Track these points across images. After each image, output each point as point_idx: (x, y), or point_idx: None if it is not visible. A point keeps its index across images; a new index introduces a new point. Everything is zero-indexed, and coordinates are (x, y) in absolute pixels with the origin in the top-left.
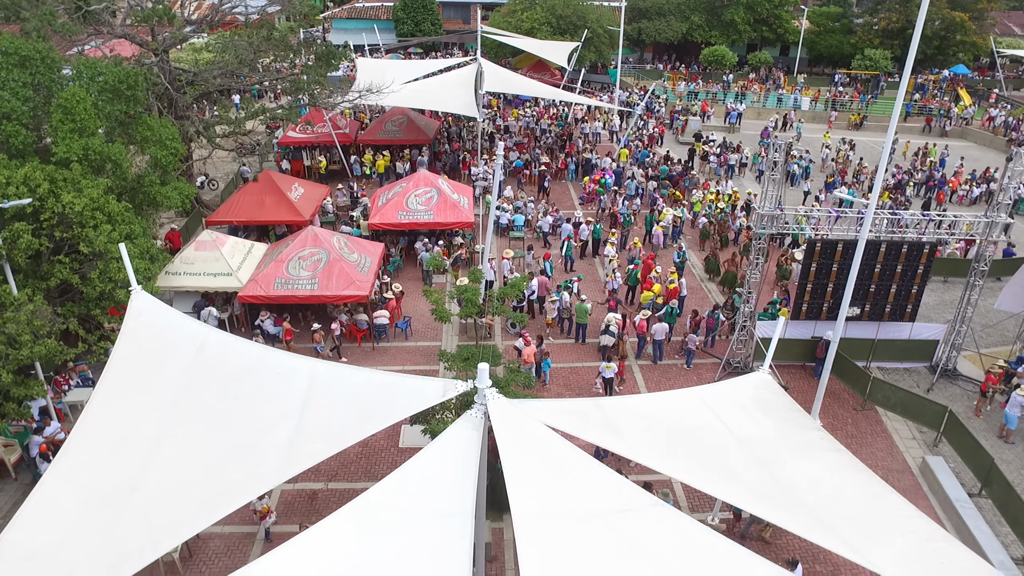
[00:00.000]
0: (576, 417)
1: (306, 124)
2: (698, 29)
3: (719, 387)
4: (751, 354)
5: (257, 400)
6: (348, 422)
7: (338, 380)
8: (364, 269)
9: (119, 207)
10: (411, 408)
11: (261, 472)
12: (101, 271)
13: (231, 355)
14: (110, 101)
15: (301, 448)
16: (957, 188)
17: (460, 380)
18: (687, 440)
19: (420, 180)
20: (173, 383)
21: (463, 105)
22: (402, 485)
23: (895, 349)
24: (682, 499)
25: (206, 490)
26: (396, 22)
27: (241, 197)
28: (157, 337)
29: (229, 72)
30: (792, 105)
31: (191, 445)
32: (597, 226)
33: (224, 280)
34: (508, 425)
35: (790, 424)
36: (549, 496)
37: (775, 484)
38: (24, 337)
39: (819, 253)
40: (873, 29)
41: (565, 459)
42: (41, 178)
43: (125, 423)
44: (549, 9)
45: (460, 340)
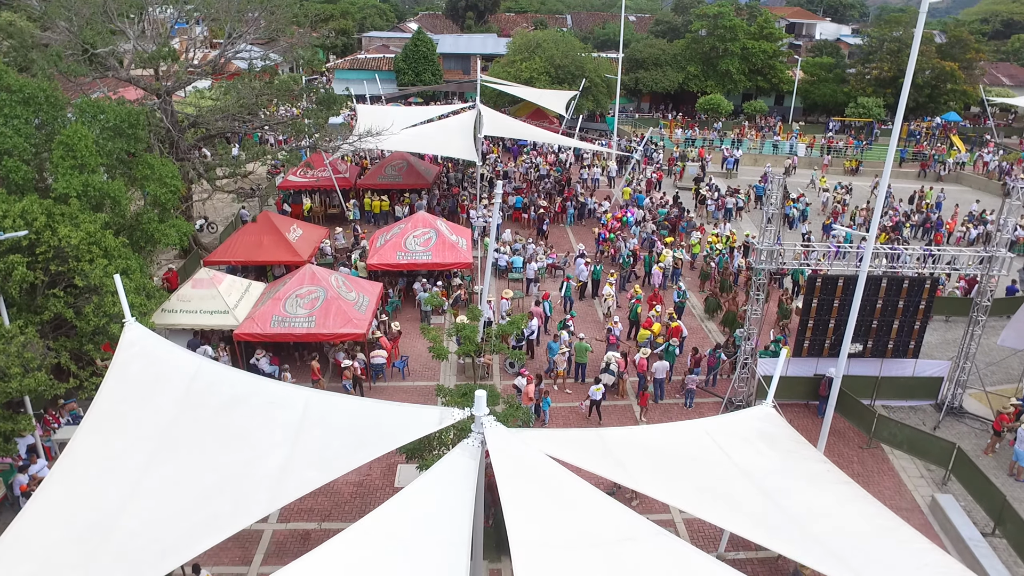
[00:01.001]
0: (576, 446)
1: (307, 167)
2: (694, 79)
3: (722, 419)
4: (753, 392)
5: (248, 429)
6: (342, 450)
7: (332, 409)
8: (362, 308)
9: (116, 242)
10: (407, 436)
11: (250, 501)
12: (96, 305)
13: (223, 385)
14: (111, 139)
15: (294, 476)
16: (954, 229)
17: (456, 408)
18: (690, 470)
19: (419, 221)
20: (162, 414)
21: (462, 149)
22: (397, 514)
23: (899, 386)
24: (684, 535)
25: (191, 521)
26: (397, 72)
27: (240, 238)
28: (148, 368)
29: (231, 116)
30: (789, 151)
31: (178, 476)
32: (597, 267)
33: (220, 318)
34: (506, 453)
35: (795, 456)
36: (548, 525)
37: (782, 515)
38: (14, 370)
39: (820, 289)
40: (865, 78)
41: (565, 488)
42: (38, 211)
43: (110, 455)
44: (548, 59)
45: (458, 379)
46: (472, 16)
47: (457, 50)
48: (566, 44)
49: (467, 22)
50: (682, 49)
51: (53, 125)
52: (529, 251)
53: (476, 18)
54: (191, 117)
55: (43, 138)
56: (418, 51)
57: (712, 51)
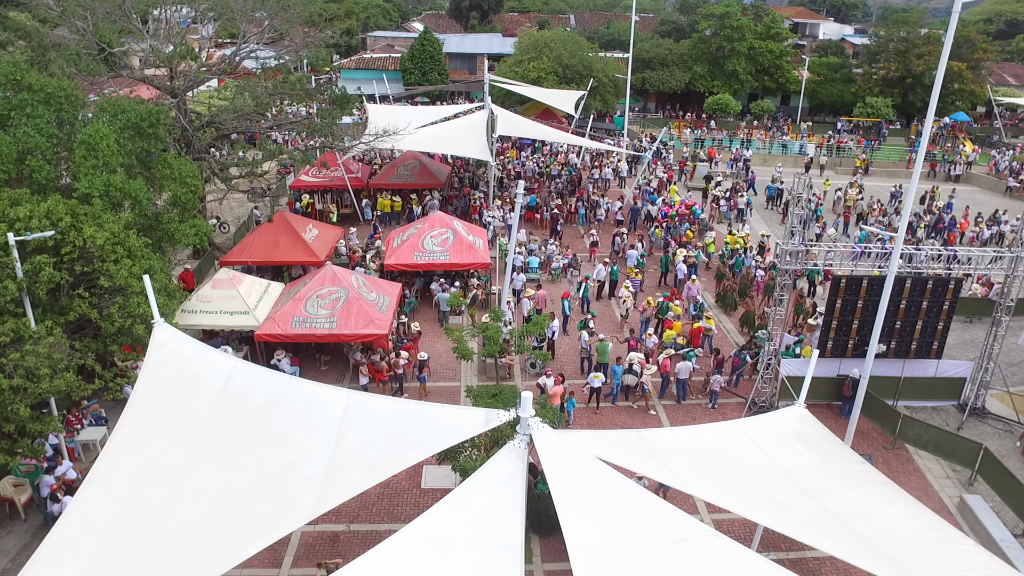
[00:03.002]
0: (621, 447)
1: (322, 165)
2: (700, 79)
3: (757, 420)
4: (776, 393)
5: (288, 431)
6: (388, 452)
7: (373, 410)
8: (383, 308)
9: (139, 242)
10: (453, 437)
11: (298, 504)
12: (120, 306)
13: (259, 386)
14: (131, 139)
15: (340, 478)
16: (966, 230)
17: (502, 410)
18: (734, 471)
19: (436, 221)
20: (199, 415)
21: (476, 149)
22: (449, 516)
23: (921, 387)
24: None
25: (237, 524)
26: (403, 72)
27: (256, 238)
28: (181, 369)
29: (245, 116)
30: (798, 151)
31: (220, 478)
32: (614, 267)
33: (241, 319)
34: (555, 455)
35: (832, 457)
36: (602, 526)
37: (827, 515)
38: (43, 371)
39: (844, 289)
40: (873, 78)
41: (615, 489)
42: (63, 212)
43: (149, 456)
44: (555, 59)
45: (479, 380)
46: (476, 16)
47: (463, 50)
48: (574, 44)
49: (471, 22)
50: (689, 49)
51: (73, 124)
52: (547, 251)
53: (480, 18)
54: (205, 116)
55: (64, 137)
56: (424, 51)
57: (719, 51)
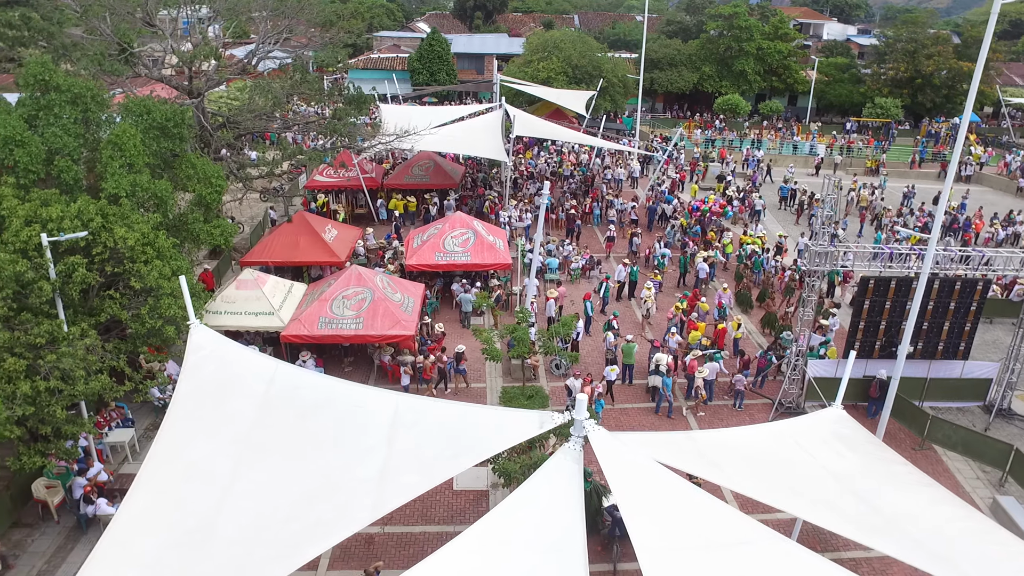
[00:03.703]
0: (672, 449)
1: (340, 165)
2: (709, 79)
3: (799, 422)
4: (802, 394)
5: (338, 434)
6: (442, 455)
7: (424, 413)
8: (408, 309)
9: (168, 243)
10: (508, 440)
11: (355, 507)
12: (151, 307)
13: (304, 388)
14: (156, 139)
15: (395, 482)
16: (981, 231)
17: (556, 412)
18: (782, 472)
19: (456, 222)
20: (244, 417)
21: (491, 149)
22: (508, 519)
23: (946, 388)
24: None
25: (294, 528)
26: (412, 72)
27: (275, 238)
28: (222, 371)
29: (263, 115)
30: (809, 152)
31: (271, 481)
32: (634, 268)
33: (266, 319)
34: (613, 456)
35: (875, 458)
36: (666, 528)
37: (878, 516)
38: (78, 373)
39: (872, 290)
40: (882, 78)
41: (674, 489)
42: (94, 212)
43: (196, 459)
44: (565, 59)
45: (504, 381)
46: (480, 16)
47: (471, 50)
48: (583, 44)
49: (475, 22)
50: (697, 49)
51: (99, 125)
52: (564, 252)
53: (484, 18)
54: (223, 116)
55: (90, 137)
56: (433, 51)
57: (727, 51)
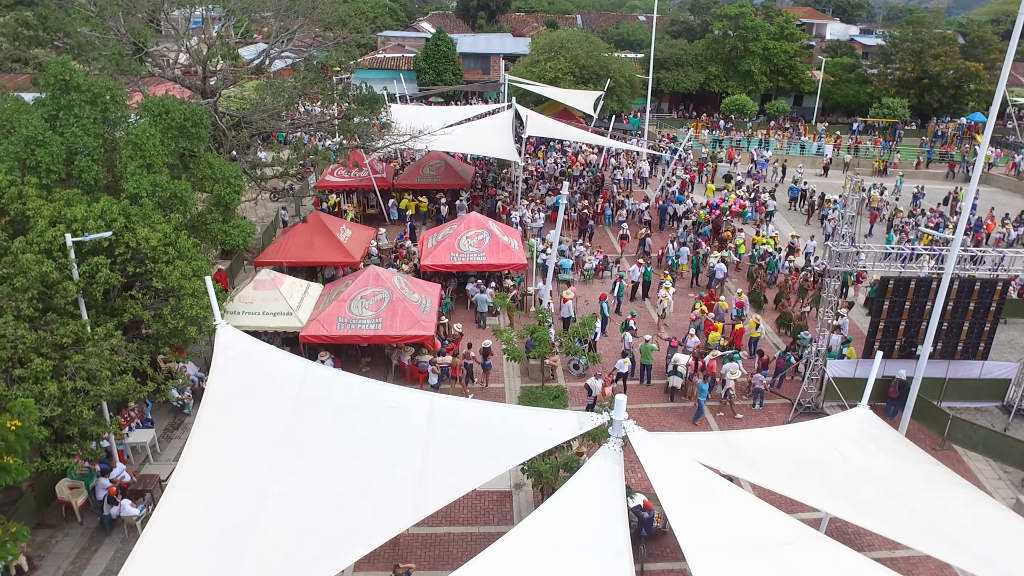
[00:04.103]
0: (708, 449)
1: (354, 165)
2: (715, 79)
3: (828, 422)
4: (821, 393)
5: (373, 434)
6: (481, 456)
7: (459, 414)
8: (426, 309)
9: (189, 243)
10: (547, 441)
11: (395, 509)
12: (173, 307)
13: (336, 389)
14: (175, 139)
15: (435, 483)
16: (993, 231)
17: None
18: (818, 472)
19: (471, 222)
20: (277, 418)
21: (503, 149)
22: (552, 520)
23: (965, 388)
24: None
25: (334, 529)
26: (418, 72)
27: (290, 238)
28: (252, 371)
29: (275, 115)
30: (816, 152)
31: (308, 482)
32: (648, 268)
33: (284, 320)
34: (655, 456)
35: (906, 459)
36: (712, 528)
37: (916, 517)
38: (104, 373)
39: (892, 291)
40: (888, 78)
41: (717, 490)
42: (117, 212)
43: (231, 460)
44: (572, 59)
45: (522, 381)
46: (484, 16)
47: (476, 50)
48: (590, 44)
49: (479, 22)
50: (703, 49)
51: (117, 124)
52: (577, 252)
53: (487, 18)
54: (237, 116)
55: (109, 137)
56: (439, 51)
57: (733, 51)
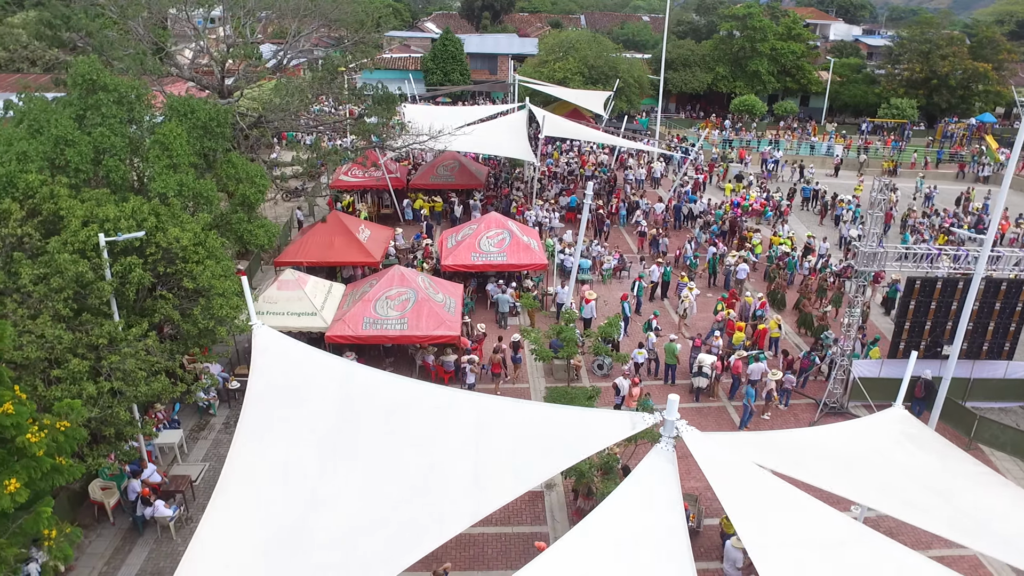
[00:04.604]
0: (757, 448)
1: (373, 165)
2: (723, 80)
3: (865, 422)
4: (847, 393)
5: (423, 435)
6: (534, 456)
7: (508, 414)
8: (451, 309)
9: (218, 243)
10: (601, 441)
11: (451, 510)
12: (203, 308)
13: (380, 389)
14: (200, 138)
15: (490, 484)
16: (1007, 231)
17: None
18: (863, 471)
19: (491, 222)
20: (322, 419)
21: (518, 150)
22: (611, 520)
23: (989, 388)
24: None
25: (390, 531)
26: (426, 72)
27: (310, 238)
28: (292, 372)
29: (293, 113)
30: (826, 152)
31: (360, 483)
32: (667, 268)
33: (309, 320)
34: (710, 456)
35: (947, 458)
36: (773, 527)
37: (966, 517)
38: (139, 374)
39: (918, 291)
40: (896, 79)
41: (774, 489)
42: (147, 212)
43: (278, 461)
44: (581, 59)
45: (546, 382)
46: (488, 16)
47: (483, 50)
48: (599, 45)
49: (483, 22)
50: (710, 49)
51: (142, 124)
52: (594, 252)
53: (492, 18)
54: (253, 116)
55: (136, 136)
56: (446, 51)
57: (741, 51)
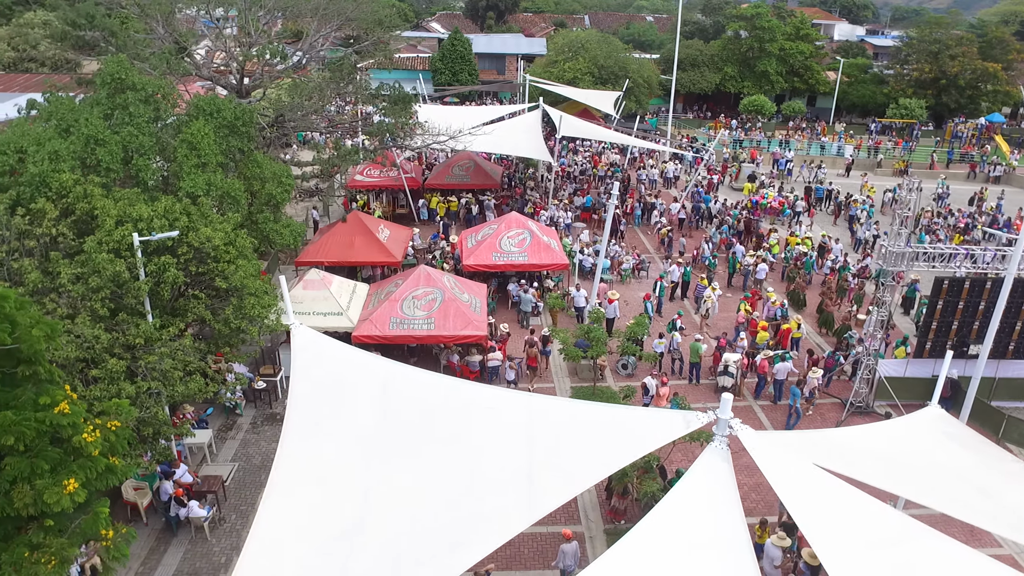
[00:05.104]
0: (807, 447)
1: (393, 165)
2: (731, 80)
3: (904, 421)
4: (872, 393)
5: (473, 435)
6: (588, 456)
7: (559, 414)
8: (476, 309)
9: (248, 242)
10: (655, 441)
11: (507, 511)
12: (235, 307)
13: (424, 389)
14: (226, 137)
15: (545, 484)
16: (1022, 230)
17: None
18: (911, 470)
19: (512, 222)
20: (368, 419)
21: (534, 150)
22: (671, 519)
23: (1014, 388)
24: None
25: (446, 533)
26: (434, 72)
27: (331, 238)
28: (334, 371)
29: (311, 113)
30: (836, 152)
31: (411, 483)
32: (687, 268)
33: (335, 320)
34: (767, 455)
35: (988, 456)
36: (836, 525)
37: (1014, 515)
38: (176, 374)
39: (946, 291)
40: (905, 79)
41: (832, 488)
42: (179, 212)
43: (328, 461)
44: (591, 60)
45: (571, 381)
46: (492, 16)
47: (491, 50)
48: (609, 45)
49: (487, 22)
50: (719, 50)
51: (168, 123)
52: (612, 252)
53: (496, 18)
54: (271, 116)
55: (164, 136)
56: (455, 51)
57: (749, 52)
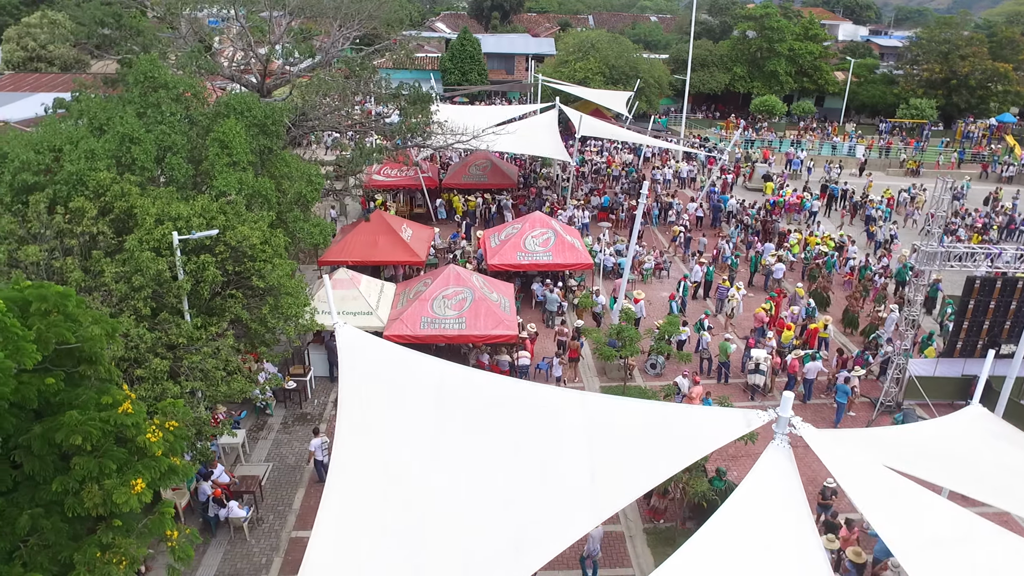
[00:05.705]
0: (865, 445)
1: (414, 164)
2: (740, 80)
3: (950, 419)
4: (901, 391)
5: (531, 434)
6: (650, 456)
7: (616, 413)
8: (506, 308)
9: (283, 241)
10: (719, 439)
11: (571, 512)
12: (272, 307)
13: (479, 388)
14: (256, 136)
15: (608, 485)
16: None
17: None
18: (963, 466)
19: (536, 221)
20: (425, 419)
21: (552, 149)
22: (739, 518)
23: None
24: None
25: (510, 534)
26: (444, 72)
27: (354, 237)
28: (384, 371)
29: (334, 112)
30: (847, 153)
31: (471, 483)
32: (710, 268)
33: (364, 319)
34: (832, 454)
35: None
36: (907, 523)
37: None
38: (218, 374)
39: (977, 291)
40: (915, 79)
41: (898, 486)
42: (216, 211)
43: (386, 460)
44: (602, 59)
45: (600, 381)
46: (497, 16)
47: (500, 50)
48: (619, 45)
49: (492, 22)
50: (728, 50)
51: (197, 122)
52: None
53: (501, 18)
54: (293, 115)
55: (195, 134)
56: (464, 51)
57: (759, 52)
